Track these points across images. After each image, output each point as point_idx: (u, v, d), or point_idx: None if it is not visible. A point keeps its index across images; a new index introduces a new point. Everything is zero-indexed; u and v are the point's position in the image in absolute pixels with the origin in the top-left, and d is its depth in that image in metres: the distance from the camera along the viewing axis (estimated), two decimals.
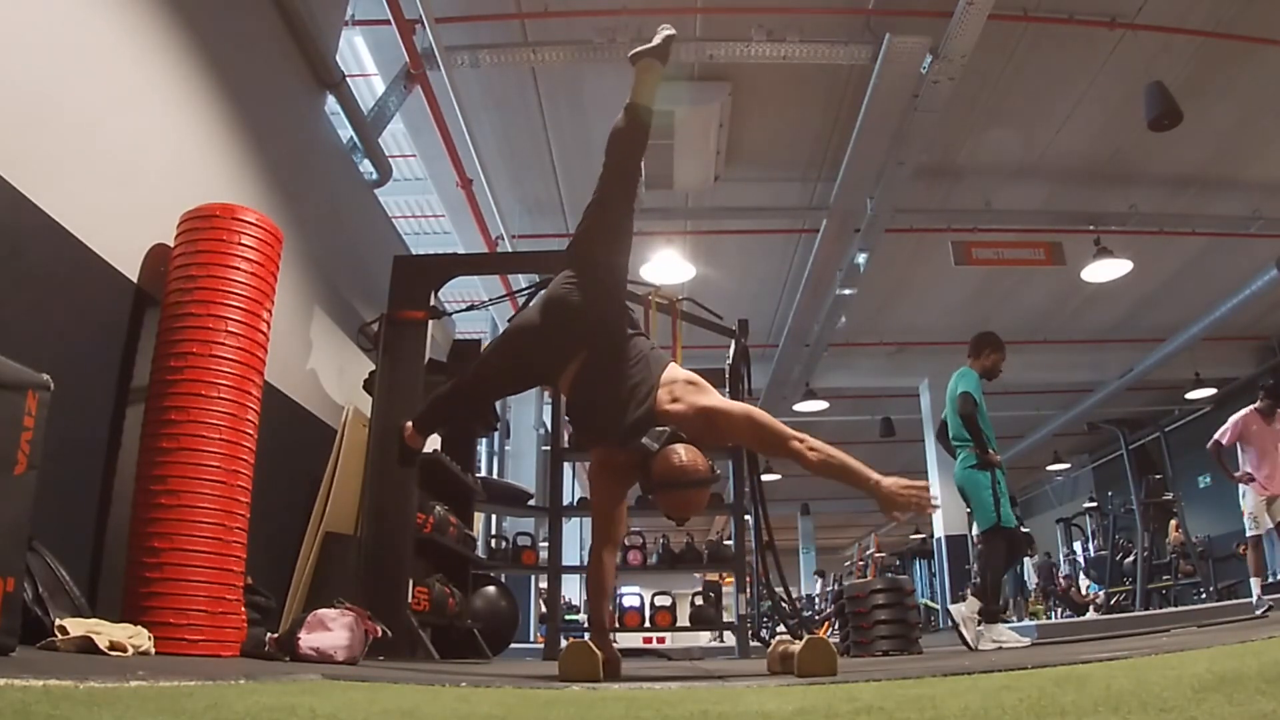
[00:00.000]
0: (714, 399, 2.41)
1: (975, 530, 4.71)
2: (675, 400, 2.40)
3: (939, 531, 11.43)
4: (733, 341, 5.50)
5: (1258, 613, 5.57)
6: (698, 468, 2.26)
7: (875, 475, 2.24)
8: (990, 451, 4.57)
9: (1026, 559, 11.73)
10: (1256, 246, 7.98)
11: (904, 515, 2.28)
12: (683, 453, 2.27)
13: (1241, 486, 5.88)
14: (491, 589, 5.50)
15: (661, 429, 2.34)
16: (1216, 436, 6.04)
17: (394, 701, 1.37)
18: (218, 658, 2.51)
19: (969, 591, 4.58)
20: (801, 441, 2.30)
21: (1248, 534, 5.86)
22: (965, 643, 4.39)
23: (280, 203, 3.97)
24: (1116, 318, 10.20)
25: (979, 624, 4.44)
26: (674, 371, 2.49)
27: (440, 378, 4.56)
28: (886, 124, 5.93)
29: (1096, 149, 7.05)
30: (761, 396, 11.14)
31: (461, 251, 7.55)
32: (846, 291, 8.40)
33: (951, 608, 4.47)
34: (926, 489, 2.22)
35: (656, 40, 2.59)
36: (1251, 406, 5.95)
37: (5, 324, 2.28)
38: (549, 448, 7.27)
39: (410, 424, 2.88)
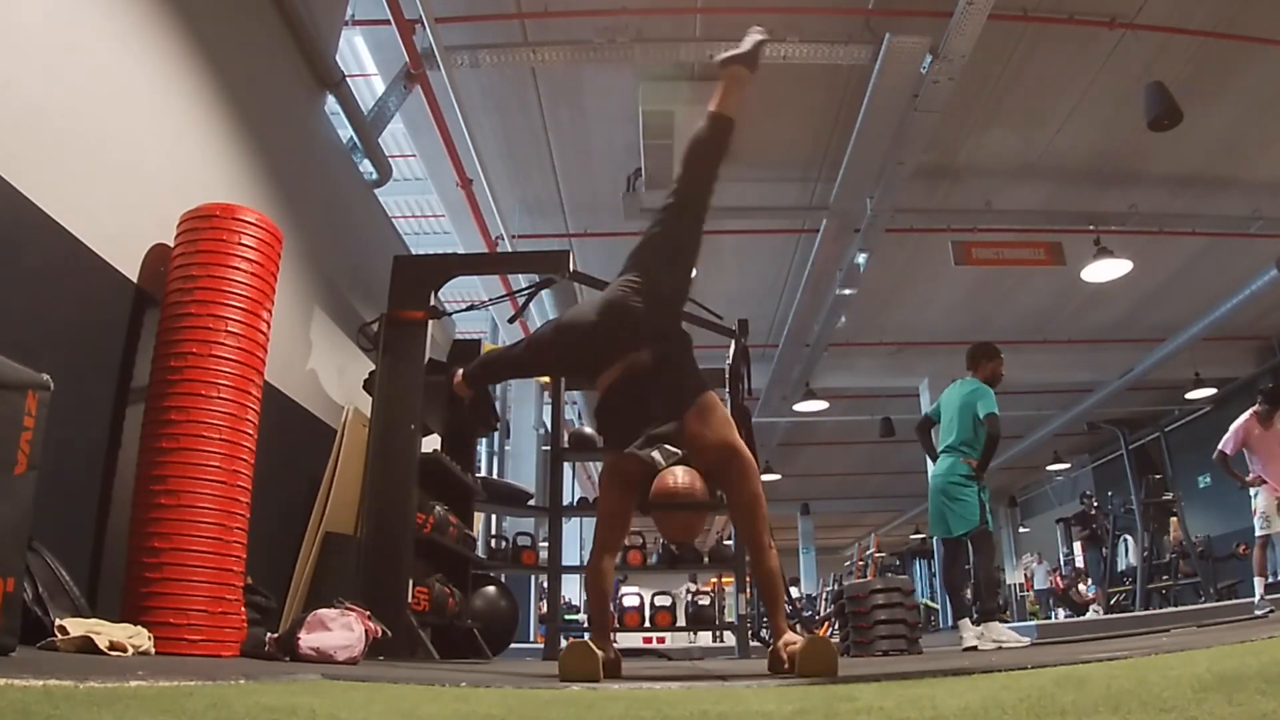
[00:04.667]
0: (740, 440, 2.38)
1: (944, 533, 4.82)
2: (705, 426, 2.36)
3: None
4: (733, 341, 5.49)
5: (1258, 613, 5.56)
6: (693, 491, 2.23)
7: (784, 626, 2.26)
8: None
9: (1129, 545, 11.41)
10: (1256, 246, 7.97)
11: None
12: (680, 474, 2.24)
13: (1252, 488, 5.86)
14: (491, 589, 5.48)
15: (674, 450, 2.30)
16: (1220, 447, 6.01)
17: (394, 701, 1.37)
18: (218, 658, 2.51)
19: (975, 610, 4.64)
20: (772, 547, 2.33)
21: (1257, 533, 5.83)
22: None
23: (280, 203, 3.97)
24: (1116, 318, 10.19)
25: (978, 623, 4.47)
26: (714, 400, 2.46)
27: (440, 378, 4.56)
28: (886, 124, 5.92)
29: (1096, 149, 7.04)
30: (761, 397, 11.14)
31: (461, 251, 7.55)
32: (846, 291, 8.39)
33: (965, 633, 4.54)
34: None
35: (746, 45, 2.43)
36: (1250, 410, 5.94)
37: (5, 324, 2.27)
38: (549, 448, 7.26)
39: (461, 373, 2.91)
